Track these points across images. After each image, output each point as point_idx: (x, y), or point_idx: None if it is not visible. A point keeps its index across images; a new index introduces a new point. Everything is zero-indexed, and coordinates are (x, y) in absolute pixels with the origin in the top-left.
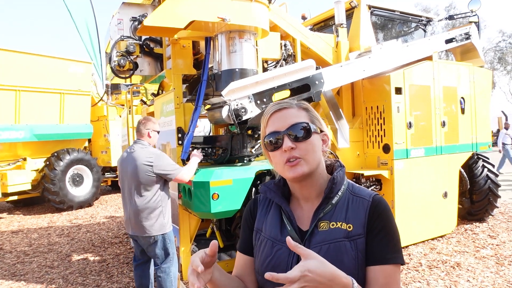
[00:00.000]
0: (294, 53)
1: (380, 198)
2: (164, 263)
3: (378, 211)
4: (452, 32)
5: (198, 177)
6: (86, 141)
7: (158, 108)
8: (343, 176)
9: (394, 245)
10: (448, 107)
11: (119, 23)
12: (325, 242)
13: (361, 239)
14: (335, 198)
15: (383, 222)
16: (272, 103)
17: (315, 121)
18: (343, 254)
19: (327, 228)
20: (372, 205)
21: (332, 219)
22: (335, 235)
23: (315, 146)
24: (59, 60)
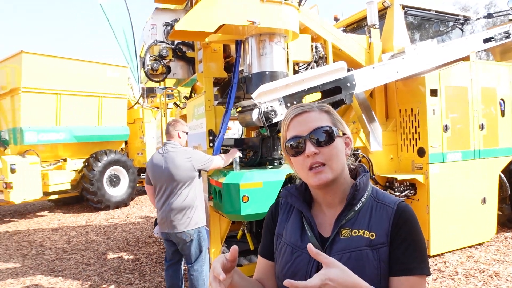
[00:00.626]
0: (325, 55)
1: (405, 206)
2: (196, 262)
3: (403, 219)
4: (490, 31)
5: (228, 179)
6: (123, 143)
7: (190, 110)
8: (367, 182)
9: (420, 255)
10: (487, 109)
11: (152, 28)
12: (347, 250)
13: (384, 248)
14: (358, 205)
15: (408, 231)
16: (292, 106)
17: (338, 124)
18: (364, 263)
19: (349, 235)
20: (396, 212)
21: (355, 227)
22: (357, 244)
23: (339, 150)
24: (97, 64)
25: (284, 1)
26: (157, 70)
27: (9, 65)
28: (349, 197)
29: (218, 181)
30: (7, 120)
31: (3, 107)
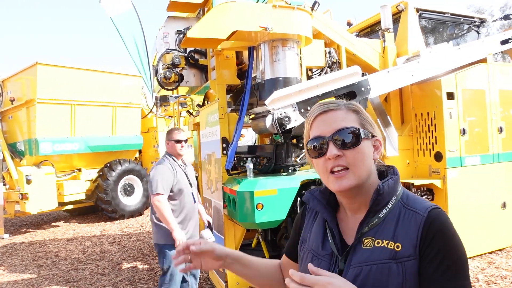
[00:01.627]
0: (339, 60)
1: (438, 213)
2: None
3: (434, 229)
4: (508, 32)
5: (243, 187)
6: (137, 152)
7: (203, 118)
8: (394, 186)
9: (456, 273)
10: (506, 112)
11: (164, 37)
12: (367, 263)
13: (411, 262)
14: (383, 211)
15: (442, 244)
16: (317, 103)
17: (366, 125)
18: (387, 278)
19: (371, 246)
20: (427, 221)
21: (378, 236)
22: (379, 255)
23: (365, 154)
24: (111, 74)
25: (296, 7)
26: (170, 78)
27: (24, 77)
28: (371, 202)
29: (232, 189)
30: (22, 131)
31: (19, 118)
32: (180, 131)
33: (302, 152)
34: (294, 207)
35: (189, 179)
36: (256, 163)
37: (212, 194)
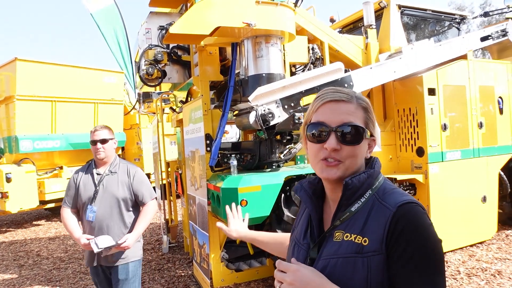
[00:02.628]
0: (322, 56)
1: (409, 208)
2: None
3: (401, 224)
4: (487, 29)
5: (226, 184)
6: (120, 149)
7: (187, 115)
8: (367, 180)
9: (426, 268)
10: (485, 108)
11: (147, 32)
12: (335, 256)
13: (377, 257)
14: (355, 205)
15: (409, 239)
16: (331, 88)
17: (370, 125)
18: (352, 272)
19: (340, 239)
20: (394, 216)
21: (348, 230)
22: (346, 249)
23: (360, 152)
24: (93, 70)
25: (280, 2)
26: (152, 74)
27: (3, 73)
28: (341, 197)
29: (216, 186)
30: (2, 128)
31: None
32: (97, 129)
33: (286, 148)
34: (278, 203)
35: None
36: (240, 159)
37: (196, 191)
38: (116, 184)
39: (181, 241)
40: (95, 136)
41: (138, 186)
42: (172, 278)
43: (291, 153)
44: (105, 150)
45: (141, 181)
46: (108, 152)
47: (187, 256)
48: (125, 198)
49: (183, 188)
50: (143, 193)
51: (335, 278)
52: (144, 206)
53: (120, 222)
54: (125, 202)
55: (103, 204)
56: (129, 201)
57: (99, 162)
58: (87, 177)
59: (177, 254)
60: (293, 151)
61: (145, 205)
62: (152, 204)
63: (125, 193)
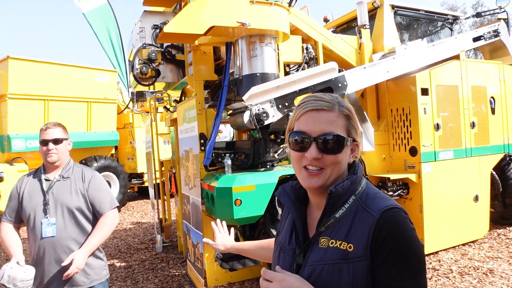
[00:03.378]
0: (316, 56)
1: (392, 214)
2: None
3: (384, 231)
4: (479, 30)
5: (221, 183)
6: (113, 148)
7: (181, 114)
8: (350, 187)
9: (408, 273)
10: (478, 107)
11: (141, 31)
12: (321, 262)
13: (362, 263)
14: (339, 211)
15: (392, 245)
16: (313, 95)
17: (351, 131)
18: (338, 278)
19: (325, 245)
20: (378, 223)
21: (333, 236)
22: (331, 256)
23: (342, 160)
24: (86, 69)
25: (274, 2)
26: (146, 73)
27: None
28: (325, 204)
29: (210, 185)
30: None
31: None
32: (49, 126)
33: (280, 147)
34: (272, 202)
35: (52, 203)
36: (234, 159)
37: (190, 191)
38: (69, 192)
39: (175, 240)
40: (46, 134)
41: (94, 193)
42: (166, 278)
43: (285, 152)
44: (58, 152)
45: (99, 188)
46: (61, 155)
47: (181, 256)
48: (79, 208)
49: (176, 188)
50: (101, 202)
51: (321, 284)
52: (102, 217)
53: (80, 237)
54: (81, 212)
55: (57, 217)
56: (87, 211)
57: (50, 166)
58: (34, 184)
59: (171, 254)
60: (287, 151)
61: (102, 216)
62: (111, 215)
63: (79, 202)
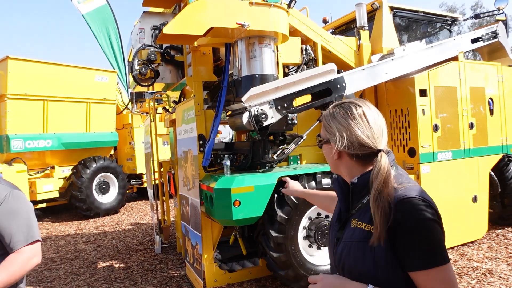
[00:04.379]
0: (315, 57)
1: (406, 202)
2: None
3: (399, 218)
4: (478, 31)
5: (220, 184)
6: (112, 149)
7: (180, 115)
8: (368, 179)
9: (428, 248)
10: (476, 109)
11: (140, 32)
12: (350, 240)
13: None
14: (366, 198)
15: (409, 226)
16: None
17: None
18: (362, 254)
19: (354, 225)
20: (394, 209)
21: (360, 218)
22: (358, 235)
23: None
24: (85, 70)
25: (273, 4)
26: (145, 74)
27: None
28: (352, 194)
29: (209, 186)
30: None
31: None
32: None
33: (279, 148)
34: (271, 203)
35: None
36: (233, 160)
37: (189, 192)
38: None
39: (173, 241)
40: None
41: (4, 222)
42: (164, 279)
43: (284, 153)
44: None
45: (11, 214)
46: None
47: (179, 257)
48: None
49: (175, 189)
50: (12, 234)
51: (351, 259)
52: (12, 254)
53: None
54: None
55: None
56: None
57: None
58: None
59: (170, 255)
60: (286, 152)
61: (14, 252)
62: (26, 253)
63: None
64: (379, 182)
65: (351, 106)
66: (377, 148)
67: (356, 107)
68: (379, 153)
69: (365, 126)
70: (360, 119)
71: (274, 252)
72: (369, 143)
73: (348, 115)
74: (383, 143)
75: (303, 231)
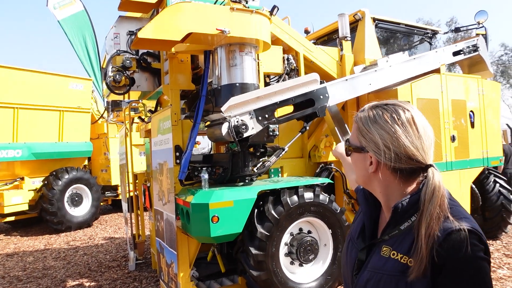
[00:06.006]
0: (297, 67)
1: (458, 238)
2: None
3: (447, 254)
4: (459, 44)
5: (197, 199)
6: (86, 159)
7: (155, 125)
8: (414, 203)
9: None
10: (458, 121)
11: (115, 37)
12: (380, 271)
13: (420, 281)
14: (404, 224)
15: (458, 264)
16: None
17: (361, 139)
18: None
19: (387, 255)
20: (441, 244)
21: (395, 247)
22: (391, 267)
23: (356, 166)
24: (59, 77)
25: (255, 10)
26: (119, 82)
27: None
28: (390, 216)
29: (185, 201)
30: None
31: None
32: None
33: (259, 161)
34: (251, 219)
35: None
36: (212, 172)
37: (164, 206)
38: None
39: (148, 257)
40: None
41: None
42: None
43: (265, 166)
44: None
45: None
46: None
47: (154, 274)
48: None
49: (151, 202)
50: None
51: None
52: None
53: None
54: None
55: None
56: None
57: None
58: None
59: (144, 272)
60: (266, 164)
61: None
62: None
63: None
64: (435, 206)
65: (398, 109)
66: (427, 163)
67: (405, 111)
68: (429, 168)
69: (415, 135)
70: (409, 126)
71: (254, 271)
72: (418, 156)
73: (395, 120)
74: (432, 157)
75: (285, 248)
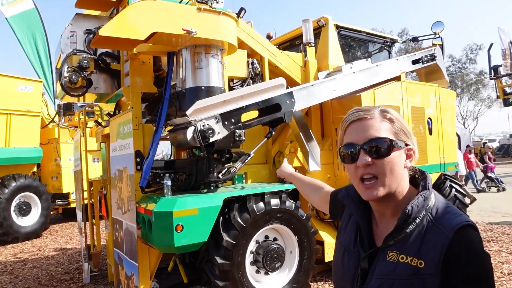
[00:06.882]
0: (262, 71)
1: (464, 233)
2: None
3: (458, 250)
4: (418, 53)
5: (160, 207)
6: (35, 166)
7: (114, 129)
8: (423, 204)
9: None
10: (417, 128)
11: (71, 36)
12: (391, 277)
13: (432, 280)
14: (410, 227)
15: (467, 268)
16: (354, 109)
17: (400, 134)
18: None
19: (395, 259)
20: (451, 243)
21: (403, 251)
22: (402, 271)
23: (395, 164)
24: (6, 78)
25: (222, 12)
26: (76, 83)
27: None
28: (399, 222)
29: (147, 209)
30: None
31: None
32: None
33: (224, 167)
34: (216, 227)
35: None
36: (175, 179)
37: (123, 215)
38: None
39: (104, 268)
40: None
41: None
42: None
43: (230, 172)
44: None
45: None
46: None
47: (111, 286)
48: None
49: (107, 210)
50: None
51: None
52: None
53: None
54: None
55: None
56: None
57: None
58: None
59: (100, 285)
60: (232, 170)
61: None
62: None
63: None
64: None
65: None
66: None
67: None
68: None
69: None
70: None
71: (219, 281)
72: None
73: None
74: None
75: (250, 256)
